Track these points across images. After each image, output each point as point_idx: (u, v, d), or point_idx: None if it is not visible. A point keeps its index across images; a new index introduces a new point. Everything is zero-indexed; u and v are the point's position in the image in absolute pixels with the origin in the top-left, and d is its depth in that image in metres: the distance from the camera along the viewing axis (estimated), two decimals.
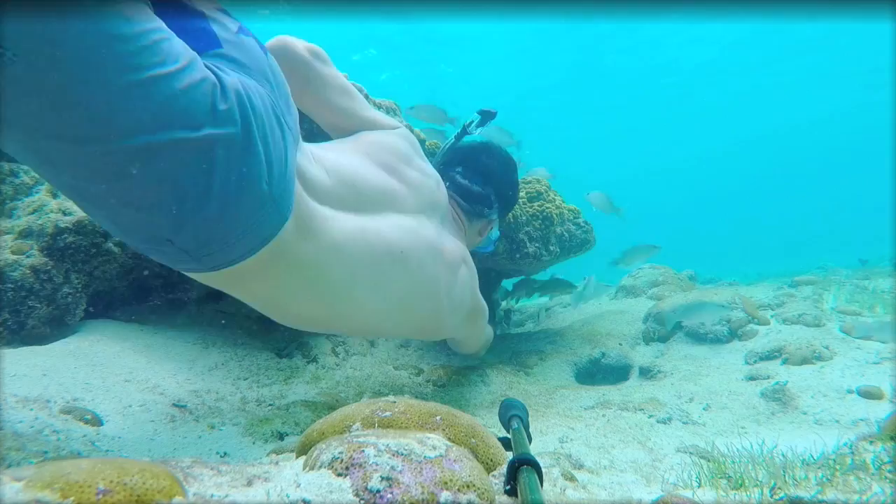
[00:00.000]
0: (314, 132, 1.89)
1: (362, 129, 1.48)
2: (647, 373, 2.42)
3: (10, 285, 1.62)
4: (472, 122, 1.93)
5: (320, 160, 1.24)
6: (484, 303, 1.83)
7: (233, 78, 0.94)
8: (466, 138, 1.96)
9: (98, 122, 0.79)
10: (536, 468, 0.65)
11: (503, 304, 3.17)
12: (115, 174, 0.82)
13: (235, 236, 0.96)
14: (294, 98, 1.25)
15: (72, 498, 0.47)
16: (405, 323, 1.49)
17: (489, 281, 2.82)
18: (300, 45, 1.38)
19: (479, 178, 1.77)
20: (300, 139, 1.18)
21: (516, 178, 1.98)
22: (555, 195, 2.61)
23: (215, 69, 0.92)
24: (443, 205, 1.61)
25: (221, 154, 0.89)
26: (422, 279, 1.40)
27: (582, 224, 2.74)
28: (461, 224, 1.76)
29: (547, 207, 2.49)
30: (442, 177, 1.68)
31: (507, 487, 0.66)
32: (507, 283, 3.07)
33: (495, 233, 1.94)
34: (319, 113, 1.50)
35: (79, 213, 1.77)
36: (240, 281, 1.10)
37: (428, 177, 1.52)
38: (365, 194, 1.29)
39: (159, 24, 0.85)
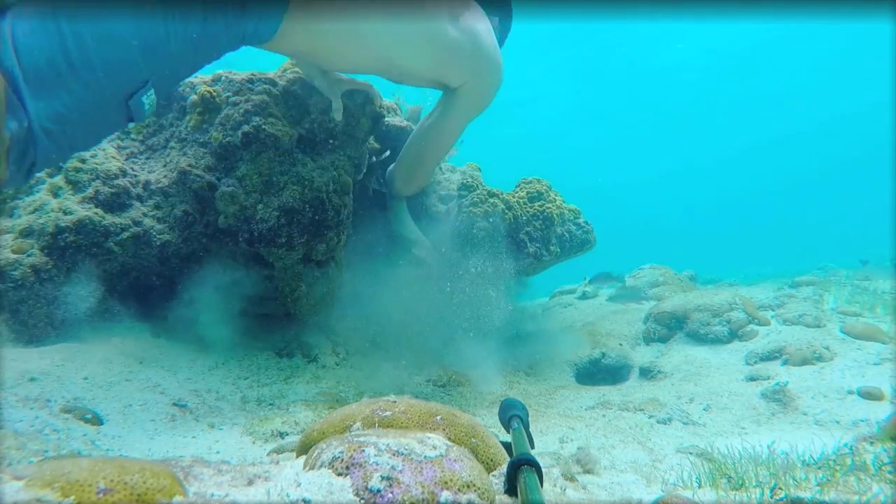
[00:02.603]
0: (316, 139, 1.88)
1: None
2: (647, 373, 2.42)
3: (10, 284, 1.62)
4: None
5: None
6: (498, 58, 1.97)
7: None
8: None
9: None
10: (536, 468, 0.65)
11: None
12: None
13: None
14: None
15: (72, 496, 0.47)
16: (416, 57, 1.79)
17: None
18: None
19: None
20: None
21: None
22: (555, 195, 2.61)
23: None
24: None
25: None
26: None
27: (582, 224, 2.75)
28: None
29: (548, 208, 2.49)
30: None
31: (507, 487, 0.66)
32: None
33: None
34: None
35: (79, 213, 1.77)
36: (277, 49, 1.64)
37: None
38: None
39: None
